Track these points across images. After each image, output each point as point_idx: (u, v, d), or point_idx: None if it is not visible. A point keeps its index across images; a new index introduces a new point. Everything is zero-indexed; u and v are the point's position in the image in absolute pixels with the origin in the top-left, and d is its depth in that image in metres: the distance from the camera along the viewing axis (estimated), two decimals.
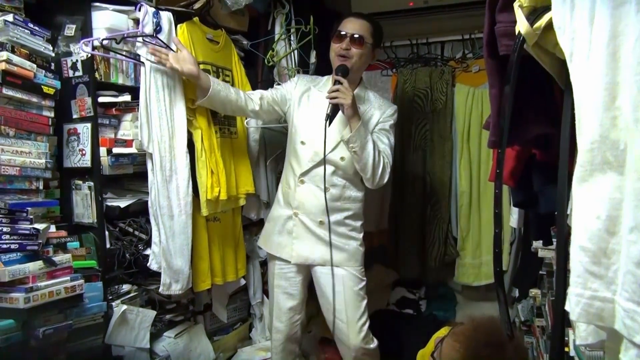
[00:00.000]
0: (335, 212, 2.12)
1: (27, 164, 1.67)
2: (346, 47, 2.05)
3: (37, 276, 1.54)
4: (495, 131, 1.17)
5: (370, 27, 2.10)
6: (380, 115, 2.13)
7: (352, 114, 1.95)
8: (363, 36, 2.06)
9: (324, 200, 2.08)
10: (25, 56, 1.65)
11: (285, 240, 2.18)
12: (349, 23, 2.10)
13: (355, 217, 2.17)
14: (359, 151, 1.97)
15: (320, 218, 2.11)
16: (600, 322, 0.74)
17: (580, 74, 0.79)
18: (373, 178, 2.03)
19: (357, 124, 1.95)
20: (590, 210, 0.75)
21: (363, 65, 2.15)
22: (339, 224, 2.13)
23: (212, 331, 2.46)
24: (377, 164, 2.01)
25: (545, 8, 0.95)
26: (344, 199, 2.13)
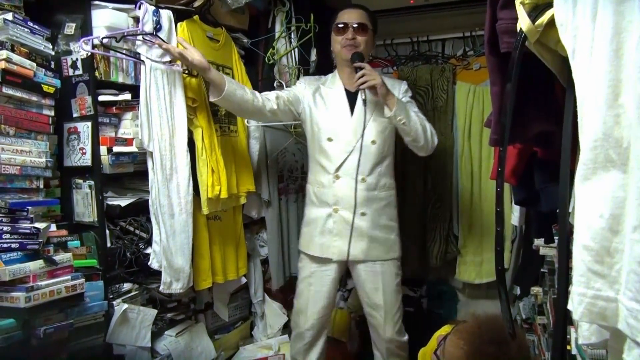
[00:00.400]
0: (373, 202, 2.14)
1: (28, 163, 1.67)
2: (352, 36, 2.10)
3: (37, 275, 1.54)
4: (496, 129, 1.17)
5: (367, 15, 2.17)
6: (399, 92, 2.18)
7: (385, 91, 1.99)
8: (365, 23, 2.12)
9: (364, 191, 2.11)
10: (25, 55, 1.65)
11: (328, 240, 2.17)
12: (347, 14, 2.15)
13: (392, 205, 2.22)
14: (407, 121, 2.01)
15: (362, 210, 2.11)
16: (604, 322, 0.74)
17: (583, 71, 0.78)
18: (426, 143, 2.08)
19: (395, 98, 2.00)
20: (593, 208, 0.74)
21: (369, 51, 2.23)
22: (378, 214, 2.15)
23: (213, 330, 2.47)
24: (425, 128, 2.06)
25: (547, 5, 0.94)
26: (380, 187, 2.15)
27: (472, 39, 2.93)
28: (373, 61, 3.07)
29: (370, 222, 2.13)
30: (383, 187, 2.16)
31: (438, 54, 3.03)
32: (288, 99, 2.20)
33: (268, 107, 2.13)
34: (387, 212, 2.19)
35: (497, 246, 1.09)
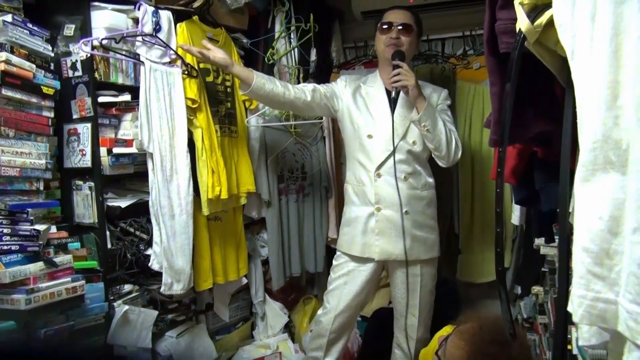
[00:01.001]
0: (416, 200, 2.14)
1: (28, 165, 1.67)
2: (396, 36, 2.10)
3: (38, 277, 1.54)
4: (496, 129, 1.16)
5: (413, 17, 2.17)
6: (438, 97, 2.19)
7: (417, 94, 1.99)
8: (410, 24, 2.12)
9: (407, 189, 2.10)
10: (24, 56, 1.65)
11: (370, 239, 2.14)
12: (393, 14, 2.15)
13: (433, 204, 2.23)
14: (431, 129, 2.00)
15: (405, 208, 2.10)
16: (604, 324, 0.74)
17: (582, 72, 0.77)
18: (448, 155, 2.06)
19: (424, 103, 1.99)
20: (592, 210, 0.74)
21: (413, 52, 2.24)
22: (420, 213, 2.15)
23: (214, 330, 2.47)
24: (449, 139, 2.04)
25: (546, 5, 0.94)
26: (422, 186, 2.16)
27: (472, 38, 2.92)
28: (373, 61, 3.07)
29: (412, 221, 2.11)
30: (425, 186, 2.17)
31: (438, 53, 3.02)
32: (325, 93, 2.21)
33: (301, 100, 2.13)
34: (429, 211, 2.19)
35: (497, 247, 1.09)
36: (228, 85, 2.34)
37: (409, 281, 2.15)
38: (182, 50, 2.04)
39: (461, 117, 2.89)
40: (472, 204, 2.90)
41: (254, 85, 2.00)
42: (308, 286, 3.07)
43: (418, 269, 2.15)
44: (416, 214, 2.13)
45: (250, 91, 2.02)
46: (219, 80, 2.29)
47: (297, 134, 2.66)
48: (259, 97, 2.11)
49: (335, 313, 2.21)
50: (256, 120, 2.53)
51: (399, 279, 2.18)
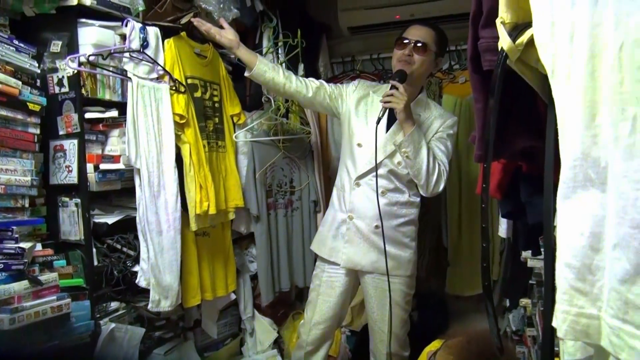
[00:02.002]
0: (390, 217, 2.12)
1: (13, 182, 1.65)
2: (409, 53, 2.05)
3: (22, 296, 1.51)
4: (480, 145, 1.18)
5: (434, 35, 2.09)
6: (441, 124, 2.13)
7: (404, 118, 1.96)
8: (426, 43, 2.06)
9: (380, 204, 2.06)
10: (10, 73, 1.64)
11: (339, 245, 2.18)
12: (413, 29, 2.10)
13: (411, 223, 2.19)
14: (411, 156, 1.97)
15: (376, 223, 2.09)
16: (587, 339, 0.75)
17: (562, 91, 0.79)
18: (427, 185, 2.03)
19: (410, 129, 1.96)
20: (574, 226, 0.75)
21: (425, 72, 2.15)
22: (393, 230, 2.13)
23: (202, 347, 2.44)
24: (431, 170, 2.00)
25: (526, 25, 0.96)
26: (400, 204, 2.13)
27: (458, 52, 2.97)
28: (360, 75, 3.10)
29: (379, 235, 2.10)
30: (405, 205, 2.14)
31: None
32: (331, 94, 2.24)
33: (302, 94, 2.19)
34: (404, 230, 2.16)
35: (483, 262, 1.10)
36: (216, 100, 2.35)
37: (376, 294, 2.17)
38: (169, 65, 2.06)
39: None
40: (459, 217, 2.92)
41: (254, 71, 2.12)
42: (297, 301, 3.06)
43: (386, 282, 2.13)
44: (389, 230, 2.11)
45: (251, 76, 2.15)
46: (207, 95, 2.29)
47: (285, 149, 2.66)
48: (260, 82, 2.22)
49: (310, 325, 2.25)
50: (244, 135, 2.53)
51: (367, 290, 2.21)
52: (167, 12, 2.13)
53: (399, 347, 2.22)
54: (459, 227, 2.93)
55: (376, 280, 2.17)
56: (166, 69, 2.05)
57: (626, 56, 0.68)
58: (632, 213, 0.67)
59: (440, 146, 2.10)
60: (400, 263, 2.15)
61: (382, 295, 2.16)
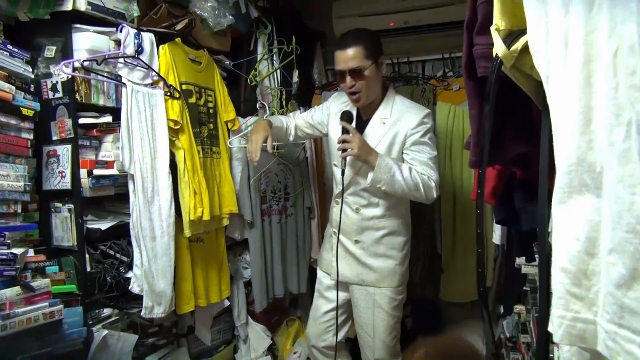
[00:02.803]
0: (369, 230, 2.15)
1: (5, 187, 1.64)
2: (350, 84, 2.03)
3: (14, 302, 1.50)
4: (475, 151, 1.19)
5: (361, 48, 2.00)
6: (407, 129, 2.05)
7: (365, 159, 1.98)
8: (359, 65, 1.99)
9: (356, 220, 2.14)
10: (4, 78, 1.64)
11: (330, 257, 2.24)
12: (340, 57, 2.03)
13: (394, 234, 2.17)
14: (388, 188, 1.98)
15: (355, 237, 2.16)
16: (583, 344, 0.75)
17: (556, 97, 0.80)
18: (418, 199, 2.05)
19: (376, 161, 1.95)
20: (569, 231, 0.75)
21: (376, 84, 2.08)
22: (375, 243, 2.16)
23: (195, 354, 2.43)
24: (412, 187, 1.98)
25: (521, 31, 0.97)
26: (378, 217, 2.14)
27: (452, 60, 2.99)
28: None
29: (363, 250, 2.16)
30: (382, 217, 2.14)
31: (418, 75, 3.08)
32: (310, 124, 2.35)
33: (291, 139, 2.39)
34: (387, 242, 2.16)
35: (478, 268, 1.10)
36: (210, 106, 2.35)
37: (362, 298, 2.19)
38: (164, 71, 2.05)
39: (442, 138, 2.94)
40: (454, 224, 2.93)
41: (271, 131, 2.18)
42: (291, 307, 3.05)
43: (371, 289, 2.17)
44: (369, 244, 2.15)
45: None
46: (202, 101, 2.29)
47: (280, 155, 2.66)
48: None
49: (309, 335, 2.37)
50: (238, 141, 2.53)
51: (354, 297, 2.24)
52: (162, 18, 2.13)
53: (386, 354, 2.20)
54: (453, 234, 2.94)
55: (362, 288, 2.20)
56: (161, 75, 2.04)
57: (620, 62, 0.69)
58: (628, 218, 0.68)
59: (417, 153, 2.05)
60: (384, 275, 2.16)
61: (368, 299, 2.18)
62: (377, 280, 2.16)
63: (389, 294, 2.17)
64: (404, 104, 2.13)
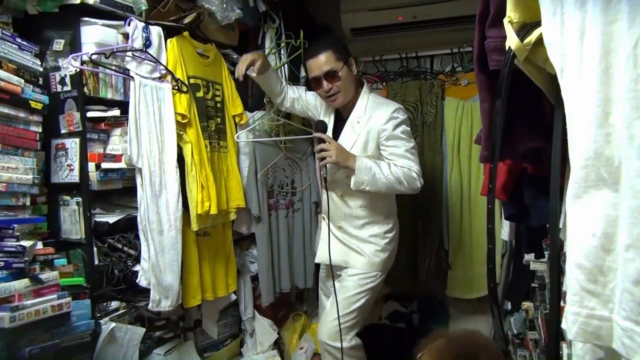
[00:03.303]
0: (352, 219, 2.24)
1: (14, 180, 1.64)
2: (327, 87, 2.14)
3: (23, 294, 1.50)
4: (487, 146, 1.18)
5: (331, 52, 2.13)
6: (378, 125, 2.14)
7: (344, 164, 2.07)
8: (332, 68, 2.12)
9: (341, 207, 2.25)
10: (12, 71, 1.63)
11: (318, 241, 2.37)
12: (313, 63, 2.15)
13: (376, 222, 2.25)
14: (372, 188, 2.08)
15: (339, 223, 2.25)
16: (598, 341, 0.74)
17: (572, 90, 0.79)
18: (404, 192, 2.14)
19: (355, 164, 2.04)
20: (585, 227, 0.74)
21: (350, 84, 2.21)
22: (358, 229, 2.24)
23: (202, 348, 2.43)
24: (394, 182, 2.07)
25: (534, 24, 0.95)
26: (360, 207, 2.23)
27: (460, 55, 2.97)
28: (362, 77, 3.10)
29: (347, 234, 2.25)
30: (363, 207, 2.23)
31: (427, 70, 3.07)
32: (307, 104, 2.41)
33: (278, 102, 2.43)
34: (370, 230, 2.24)
35: (489, 263, 1.09)
36: (218, 100, 2.34)
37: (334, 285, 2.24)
38: (172, 64, 2.05)
39: (450, 133, 2.92)
40: (461, 220, 2.92)
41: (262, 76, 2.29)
42: (297, 302, 3.05)
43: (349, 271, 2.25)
44: (353, 229, 2.25)
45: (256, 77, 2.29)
46: (209, 95, 2.29)
47: (287, 149, 2.66)
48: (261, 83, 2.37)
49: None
50: (246, 135, 2.52)
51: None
52: (170, 11, 2.12)
53: (327, 335, 2.22)
54: (460, 230, 2.93)
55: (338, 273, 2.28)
56: (169, 69, 2.04)
57: None
58: None
59: (393, 148, 2.13)
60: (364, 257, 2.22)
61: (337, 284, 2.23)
62: (360, 263, 2.23)
63: (360, 279, 2.22)
64: (375, 101, 2.22)
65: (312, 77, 2.18)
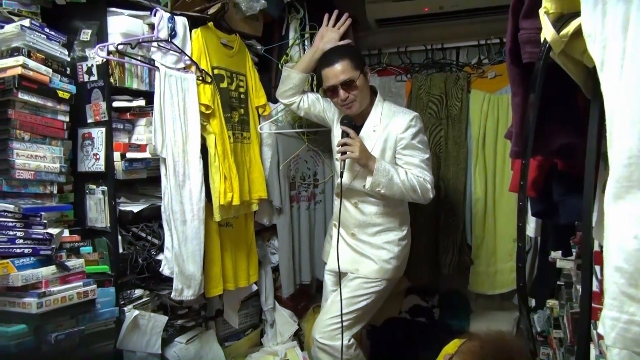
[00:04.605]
0: (366, 226, 2.22)
1: (42, 168, 1.67)
2: (344, 96, 2.10)
3: (49, 281, 1.53)
4: (518, 141, 1.14)
5: (348, 60, 2.10)
6: (396, 133, 2.13)
7: (365, 162, 2.04)
8: (349, 77, 2.08)
9: (355, 214, 2.22)
10: (41, 61, 1.65)
11: (329, 248, 2.35)
12: (330, 72, 2.11)
13: (391, 230, 2.23)
14: (387, 191, 2.06)
15: (352, 230, 2.23)
16: (638, 349, 0.71)
17: (613, 84, 0.75)
18: (416, 200, 2.13)
19: (374, 165, 2.02)
20: (626, 229, 0.71)
21: (366, 93, 2.17)
22: (372, 236, 2.22)
23: (223, 337, 2.45)
24: (409, 189, 2.06)
25: (572, 14, 0.92)
26: (374, 214, 2.20)
27: (487, 47, 2.90)
28: (387, 69, 3.06)
29: (360, 241, 2.22)
30: (379, 215, 2.21)
31: (452, 62, 3.00)
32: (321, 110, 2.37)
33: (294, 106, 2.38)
34: (384, 237, 2.22)
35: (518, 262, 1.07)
36: (242, 91, 2.34)
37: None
38: (196, 55, 2.05)
39: (475, 127, 2.87)
40: (484, 214, 2.87)
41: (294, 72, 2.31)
42: (318, 294, 3.04)
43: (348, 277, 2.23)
44: (366, 237, 2.22)
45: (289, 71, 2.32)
46: (233, 86, 2.28)
47: (309, 141, 2.65)
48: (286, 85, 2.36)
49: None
50: (269, 126, 2.52)
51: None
52: (195, 2, 2.12)
53: (317, 332, 2.24)
54: (483, 225, 2.88)
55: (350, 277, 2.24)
56: (193, 59, 2.04)
57: None
58: None
59: (409, 157, 2.12)
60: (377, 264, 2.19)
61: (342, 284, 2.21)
62: (370, 270, 2.20)
63: (365, 285, 2.20)
64: (390, 109, 2.20)
65: (328, 86, 2.13)
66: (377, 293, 2.23)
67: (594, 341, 1.27)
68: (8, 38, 1.62)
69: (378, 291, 2.22)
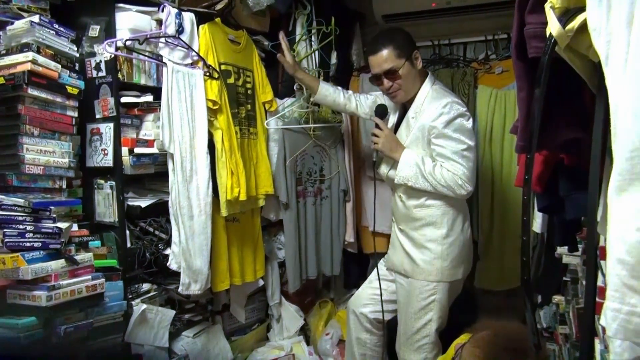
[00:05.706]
0: (409, 220, 2.12)
1: (51, 163, 1.69)
2: (387, 85, 2.03)
3: (59, 274, 1.56)
4: (523, 136, 1.14)
5: (391, 49, 1.98)
6: (428, 122, 1.98)
7: (388, 154, 2.06)
8: (393, 67, 1.98)
9: (400, 207, 2.14)
10: (50, 56, 1.67)
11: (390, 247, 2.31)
12: (373, 61, 2.03)
13: (431, 225, 2.06)
14: (413, 182, 1.99)
15: (400, 225, 2.17)
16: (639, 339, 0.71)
17: (617, 78, 0.75)
18: (448, 193, 1.98)
19: (401, 156, 2.01)
20: (629, 221, 0.71)
21: (412, 80, 2.04)
22: (416, 232, 2.10)
23: (230, 331, 2.47)
24: (437, 184, 1.95)
25: (578, 9, 0.91)
26: (417, 206, 2.08)
27: (495, 42, 2.89)
28: None
29: (407, 238, 2.13)
30: (421, 206, 2.07)
31: (459, 58, 3.00)
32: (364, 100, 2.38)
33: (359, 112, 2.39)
34: (427, 232, 2.07)
35: (523, 256, 1.07)
36: (249, 87, 2.35)
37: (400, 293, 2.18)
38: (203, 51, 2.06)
39: (481, 123, 2.86)
40: (491, 210, 2.87)
41: (317, 96, 2.32)
42: (324, 289, 3.06)
43: (408, 283, 2.12)
44: (412, 233, 2.11)
45: (315, 99, 2.36)
46: (240, 82, 2.29)
47: (316, 137, 2.65)
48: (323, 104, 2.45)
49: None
50: (276, 122, 2.53)
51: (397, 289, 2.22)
52: None
53: (407, 348, 2.14)
54: (490, 221, 2.87)
55: (402, 279, 2.16)
56: (200, 55, 2.05)
57: None
58: None
59: (441, 148, 1.95)
60: (419, 267, 2.07)
61: (403, 293, 2.15)
62: (415, 272, 2.08)
63: (422, 290, 2.08)
64: (433, 95, 2.04)
65: (372, 74, 2.07)
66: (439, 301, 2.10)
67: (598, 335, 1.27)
68: (18, 34, 1.64)
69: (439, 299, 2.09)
